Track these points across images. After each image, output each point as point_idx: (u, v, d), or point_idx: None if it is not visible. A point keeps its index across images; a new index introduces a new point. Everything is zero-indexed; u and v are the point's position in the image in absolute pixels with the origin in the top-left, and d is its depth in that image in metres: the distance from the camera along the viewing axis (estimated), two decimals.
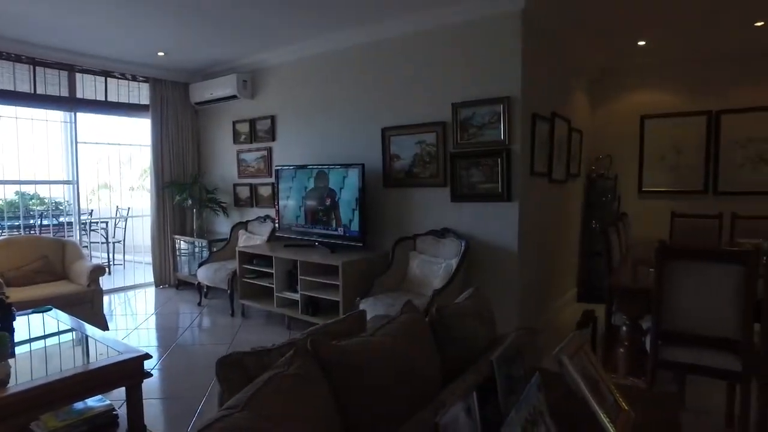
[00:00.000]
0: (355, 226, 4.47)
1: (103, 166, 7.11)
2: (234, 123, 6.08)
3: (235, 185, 6.19)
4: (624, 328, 2.84)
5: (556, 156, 4.63)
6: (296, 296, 4.56)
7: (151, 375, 2.67)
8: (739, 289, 2.38)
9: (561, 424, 1.15)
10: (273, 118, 5.64)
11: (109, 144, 6.69)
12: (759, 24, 4.64)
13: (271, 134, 5.67)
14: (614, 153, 5.82)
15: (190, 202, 6.13)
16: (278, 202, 5.16)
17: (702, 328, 2.49)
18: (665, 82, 5.58)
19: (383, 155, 4.60)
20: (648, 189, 5.64)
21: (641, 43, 5.20)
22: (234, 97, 5.73)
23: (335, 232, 4.63)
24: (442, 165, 4.23)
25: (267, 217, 5.63)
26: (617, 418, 1.17)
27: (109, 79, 5.92)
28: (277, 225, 5.24)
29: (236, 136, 6.08)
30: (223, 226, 6.34)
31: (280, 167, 5.18)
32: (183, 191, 6.10)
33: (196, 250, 6.13)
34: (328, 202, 4.69)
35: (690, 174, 5.42)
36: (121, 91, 6.08)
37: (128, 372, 2.50)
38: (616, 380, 1.86)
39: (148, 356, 2.54)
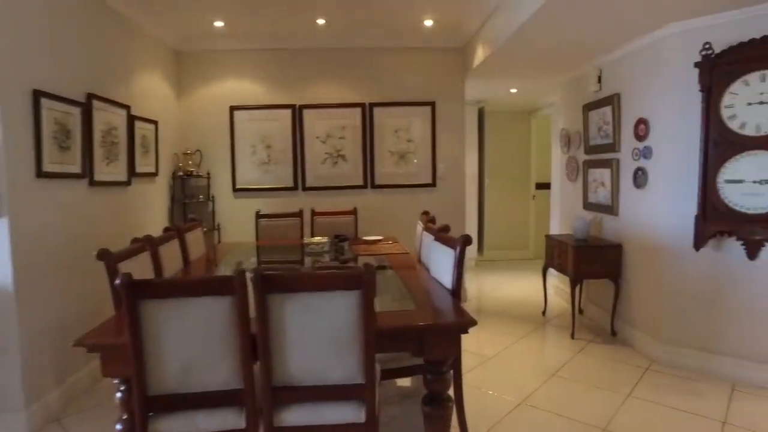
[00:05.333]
0: None
1: None
2: None
3: None
4: (118, 395, 2.03)
5: (102, 151, 3.59)
6: None
7: None
8: (231, 324, 1.83)
9: None
10: None
11: None
12: (321, 22, 4.63)
13: None
14: (206, 147, 5.14)
15: None
16: None
17: (197, 384, 1.87)
18: (252, 72, 5.16)
19: None
20: (242, 187, 5.15)
21: (219, 24, 4.63)
22: None
23: None
24: None
25: None
26: None
27: None
28: None
29: None
30: None
31: None
32: None
33: None
34: None
35: (281, 170, 5.15)
36: None
37: None
38: None
39: None
